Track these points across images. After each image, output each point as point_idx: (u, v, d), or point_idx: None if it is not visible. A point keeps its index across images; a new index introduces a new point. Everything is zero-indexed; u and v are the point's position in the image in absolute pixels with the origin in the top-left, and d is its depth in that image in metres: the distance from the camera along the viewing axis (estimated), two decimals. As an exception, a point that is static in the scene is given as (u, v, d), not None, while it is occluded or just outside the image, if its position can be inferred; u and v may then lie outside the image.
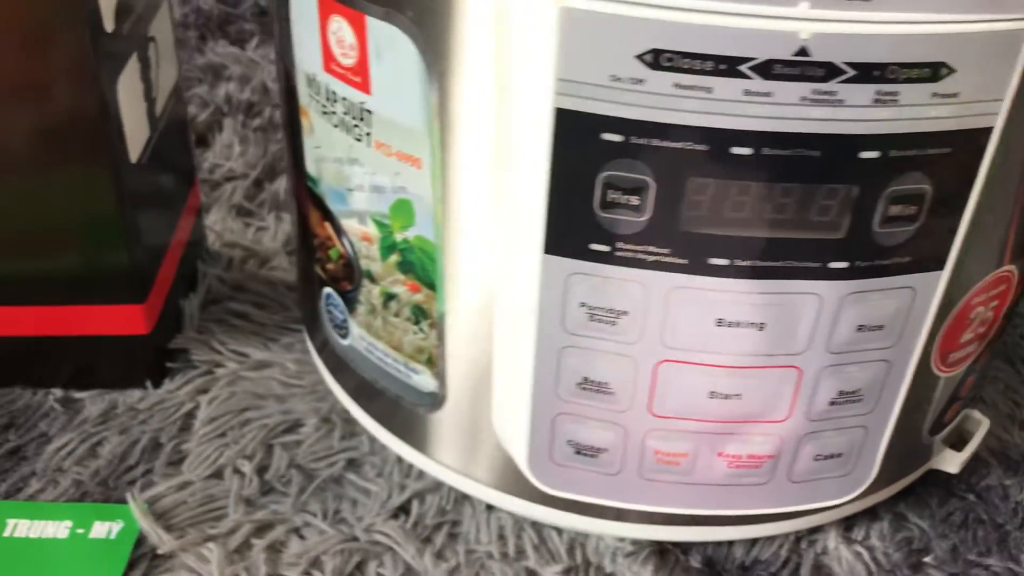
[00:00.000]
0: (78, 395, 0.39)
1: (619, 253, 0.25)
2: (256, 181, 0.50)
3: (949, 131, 0.23)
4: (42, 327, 0.38)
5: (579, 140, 0.24)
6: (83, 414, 0.38)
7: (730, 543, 0.35)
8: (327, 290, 0.35)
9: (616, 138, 0.23)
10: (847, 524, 0.36)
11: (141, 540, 0.33)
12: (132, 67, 0.36)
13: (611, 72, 0.23)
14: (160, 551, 0.33)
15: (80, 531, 0.33)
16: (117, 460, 0.36)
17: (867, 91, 0.22)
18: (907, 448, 0.34)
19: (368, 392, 0.35)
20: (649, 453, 0.29)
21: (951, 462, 0.36)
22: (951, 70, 0.22)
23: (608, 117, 0.23)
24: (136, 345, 0.38)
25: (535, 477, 0.30)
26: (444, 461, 0.34)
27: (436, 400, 0.33)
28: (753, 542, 0.35)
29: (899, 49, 0.22)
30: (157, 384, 0.39)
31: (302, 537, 0.34)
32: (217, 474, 0.36)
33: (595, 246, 0.25)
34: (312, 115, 0.31)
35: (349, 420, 0.38)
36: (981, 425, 0.37)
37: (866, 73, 0.22)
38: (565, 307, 0.26)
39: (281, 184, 0.50)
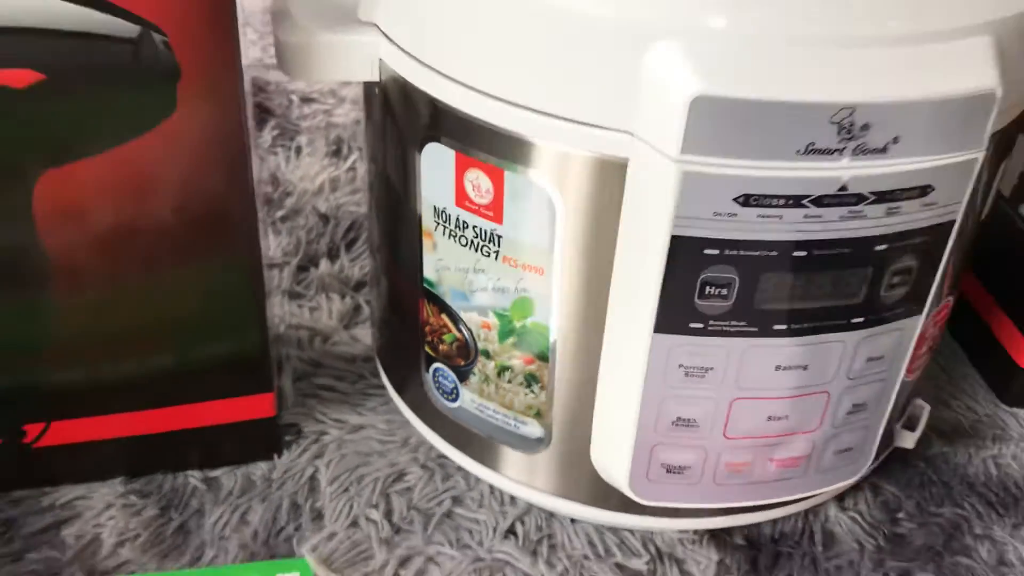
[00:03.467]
0: (213, 473, 0.46)
1: (710, 328, 0.35)
2: (299, 267, 0.58)
3: (930, 225, 0.35)
4: (181, 423, 0.45)
5: (687, 255, 0.34)
6: (224, 489, 0.46)
7: (754, 526, 0.46)
8: (436, 365, 0.44)
9: (714, 252, 0.34)
10: (840, 498, 0.47)
11: (317, 584, 0.42)
12: (255, 162, 0.43)
13: (714, 210, 0.33)
14: (334, 591, 0.41)
15: (267, 584, 0.41)
16: (269, 523, 0.44)
17: (882, 208, 0.33)
18: (884, 436, 0.45)
19: (473, 442, 0.44)
20: (722, 465, 0.39)
21: (908, 440, 0.47)
22: (932, 188, 0.33)
23: (709, 238, 0.33)
24: (264, 426, 0.46)
25: (635, 493, 0.40)
26: (544, 488, 0.44)
27: (541, 444, 0.42)
28: (774, 521, 0.46)
29: (903, 180, 0.33)
30: (280, 455, 0.47)
31: (438, 564, 0.43)
32: (354, 523, 0.44)
33: (693, 324, 0.35)
34: (437, 236, 0.40)
35: (443, 465, 0.47)
36: (925, 410, 0.48)
37: (882, 197, 0.33)
38: (666, 369, 0.36)
39: (324, 268, 0.57)
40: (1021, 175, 0.53)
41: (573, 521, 0.45)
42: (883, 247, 0.34)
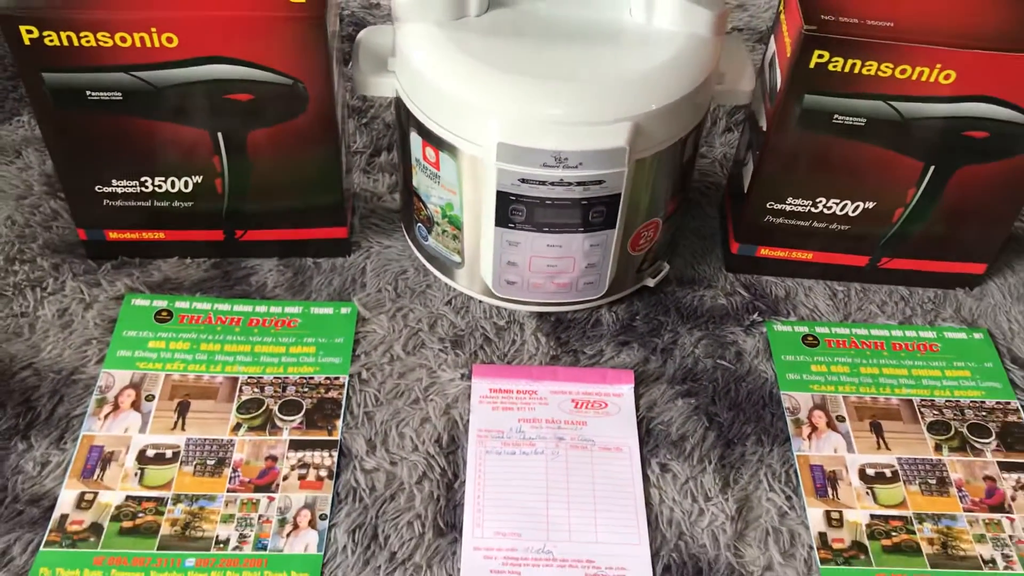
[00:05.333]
0: (318, 260, 0.99)
1: (517, 227, 0.85)
2: (370, 155, 1.09)
3: (607, 195, 0.83)
4: (302, 235, 0.97)
5: (503, 199, 0.83)
6: (323, 267, 0.98)
7: (564, 312, 0.96)
8: (418, 224, 0.94)
9: (513, 199, 0.83)
10: (610, 305, 0.97)
11: (358, 315, 0.95)
12: (342, 91, 0.94)
13: (512, 183, 0.81)
14: (365, 318, 0.94)
15: (336, 311, 0.95)
16: (341, 285, 0.97)
17: (581, 188, 0.81)
18: (628, 277, 0.95)
19: (435, 261, 0.96)
20: (532, 284, 0.90)
21: (651, 283, 0.97)
22: (604, 181, 0.81)
23: (512, 192, 0.82)
24: (343, 241, 0.98)
25: (496, 291, 0.91)
26: (465, 286, 0.95)
27: (461, 265, 0.93)
28: (574, 312, 0.96)
29: (588, 178, 0.81)
30: (349, 255, 0.99)
31: (413, 312, 0.95)
32: (379, 291, 0.97)
33: (510, 225, 0.85)
34: (417, 169, 0.90)
35: (425, 271, 0.99)
36: (666, 267, 0.98)
37: (580, 183, 0.81)
38: (501, 241, 0.86)
39: (383, 157, 1.08)
40: (745, 152, 0.99)
41: (480, 301, 0.97)
42: (585, 203, 0.83)
